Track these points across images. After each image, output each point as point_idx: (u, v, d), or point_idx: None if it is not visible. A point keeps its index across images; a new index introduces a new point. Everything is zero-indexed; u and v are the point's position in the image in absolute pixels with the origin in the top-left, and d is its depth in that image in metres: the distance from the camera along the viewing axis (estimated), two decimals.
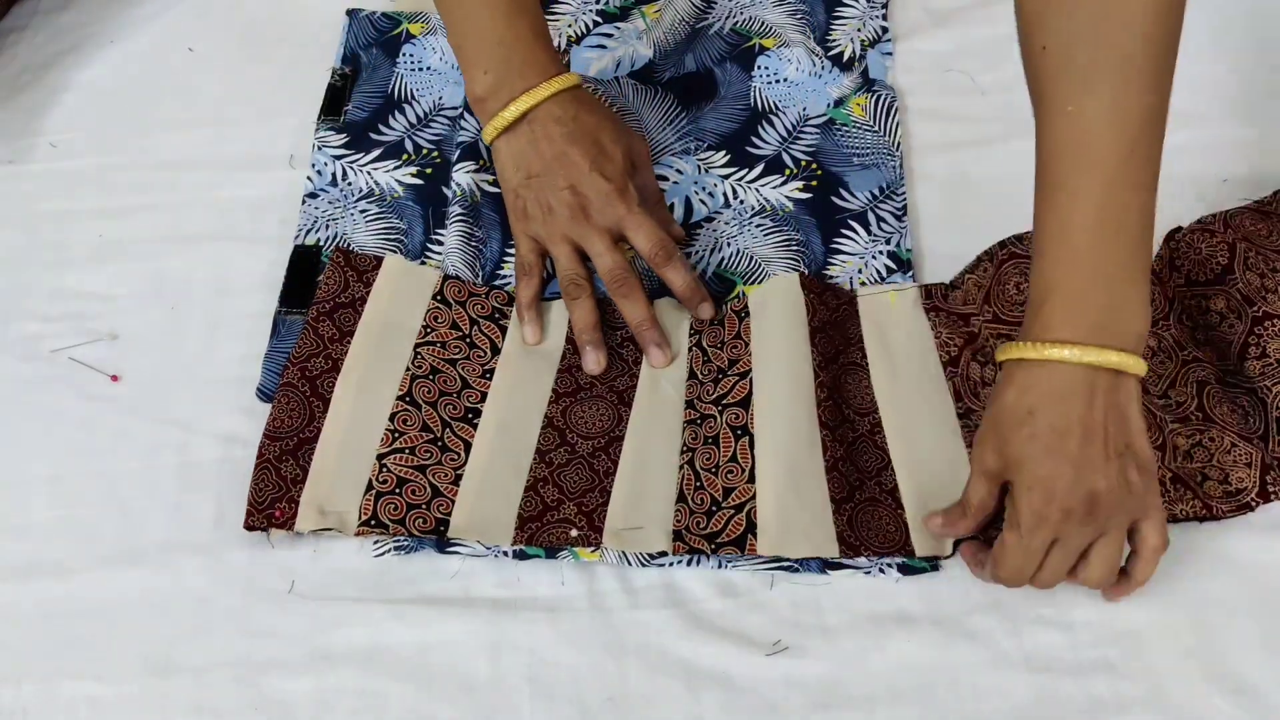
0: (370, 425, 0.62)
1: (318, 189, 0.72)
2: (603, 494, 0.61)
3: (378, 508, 0.59)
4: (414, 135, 0.75)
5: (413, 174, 0.73)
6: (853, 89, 0.76)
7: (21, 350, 0.67)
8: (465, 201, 0.70)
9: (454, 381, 0.64)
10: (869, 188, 0.72)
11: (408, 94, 0.77)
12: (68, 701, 0.55)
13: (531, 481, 0.61)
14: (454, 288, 0.68)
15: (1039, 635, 0.56)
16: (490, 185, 0.71)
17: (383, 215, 0.71)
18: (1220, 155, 0.72)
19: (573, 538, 0.59)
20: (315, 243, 0.69)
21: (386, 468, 0.60)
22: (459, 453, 0.62)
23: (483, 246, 0.70)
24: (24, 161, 0.75)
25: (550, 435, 0.63)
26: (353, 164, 0.73)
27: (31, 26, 0.82)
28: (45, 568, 0.59)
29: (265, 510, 0.59)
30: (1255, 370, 0.61)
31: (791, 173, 0.73)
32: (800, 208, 0.71)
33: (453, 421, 0.63)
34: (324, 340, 0.64)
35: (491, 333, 0.66)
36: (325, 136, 0.74)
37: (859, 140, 0.74)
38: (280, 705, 0.55)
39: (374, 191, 0.72)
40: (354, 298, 0.66)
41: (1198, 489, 0.58)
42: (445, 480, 0.61)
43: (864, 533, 0.58)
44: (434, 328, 0.66)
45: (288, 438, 0.61)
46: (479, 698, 0.55)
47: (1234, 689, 0.54)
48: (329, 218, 0.71)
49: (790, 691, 0.55)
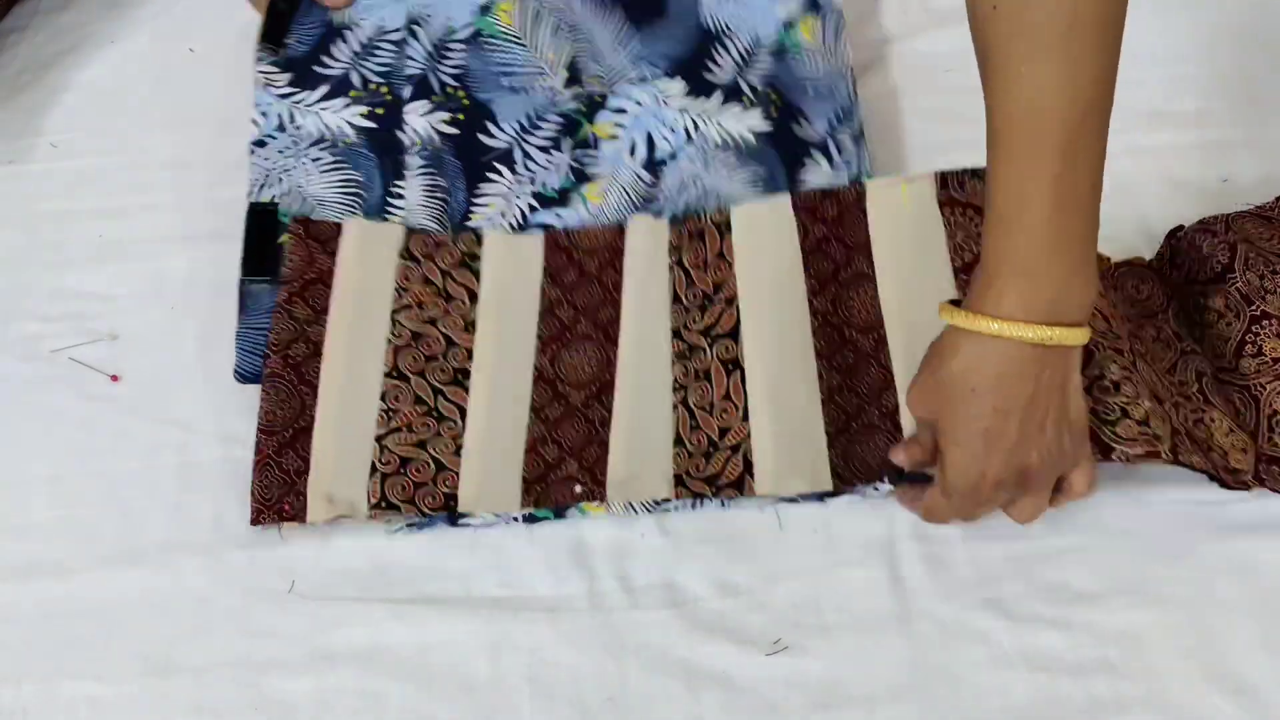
0: (363, 407, 0.62)
1: (264, 135, 0.71)
2: (601, 446, 0.61)
3: (385, 490, 0.60)
4: (359, 66, 0.73)
5: (363, 114, 0.72)
6: (799, 10, 0.75)
7: (21, 350, 0.67)
8: (425, 150, 0.70)
9: (438, 342, 0.64)
10: (826, 115, 0.72)
11: (348, 20, 0.74)
12: (68, 701, 0.55)
13: (531, 442, 0.61)
14: (419, 242, 0.67)
15: (1039, 635, 0.56)
16: (447, 125, 0.70)
17: (337, 165, 0.70)
18: (1220, 155, 0.72)
19: (577, 494, 0.60)
20: (270, 199, 0.68)
21: (387, 449, 0.61)
22: (455, 420, 0.62)
23: (448, 197, 0.69)
24: (24, 161, 0.75)
25: (543, 389, 0.63)
26: (299, 104, 0.72)
27: (32, 26, 0.82)
28: (45, 568, 0.59)
29: (274, 506, 0.59)
30: (1251, 368, 0.61)
31: (749, 102, 0.72)
32: (763, 140, 0.71)
33: (444, 387, 0.63)
34: (300, 323, 0.64)
35: (465, 279, 0.66)
36: (270, 73, 0.72)
37: (811, 68, 0.74)
38: (280, 705, 0.55)
39: (324, 137, 0.71)
40: (321, 270, 0.66)
41: (1205, 454, 0.59)
42: (447, 452, 0.61)
43: (857, 465, 0.60)
44: (406, 288, 0.65)
45: (283, 430, 0.61)
46: (479, 698, 0.55)
47: (1234, 689, 0.54)
48: (281, 169, 0.69)
49: (790, 691, 0.55)
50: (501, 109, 0.72)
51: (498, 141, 0.71)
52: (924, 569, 0.58)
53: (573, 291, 0.66)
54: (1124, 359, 0.59)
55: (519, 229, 0.69)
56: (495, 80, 0.73)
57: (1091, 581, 0.58)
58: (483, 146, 0.71)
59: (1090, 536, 0.59)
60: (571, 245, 0.68)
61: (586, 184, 0.71)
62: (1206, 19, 0.78)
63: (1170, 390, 0.61)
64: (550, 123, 0.72)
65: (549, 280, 0.66)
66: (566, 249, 0.68)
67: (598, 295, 0.66)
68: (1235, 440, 0.60)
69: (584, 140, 0.71)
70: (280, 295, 0.65)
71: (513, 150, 0.71)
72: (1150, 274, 0.67)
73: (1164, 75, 0.76)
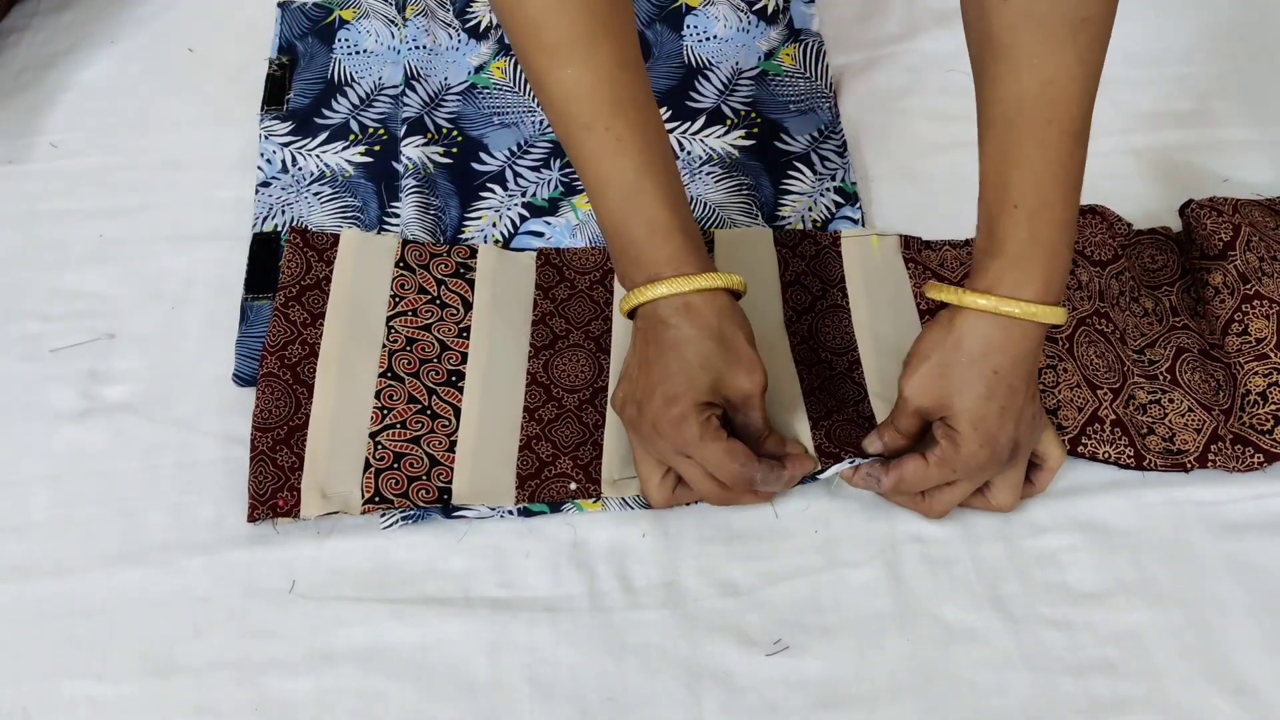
0: (357, 406, 0.62)
1: (269, 177, 0.73)
2: (595, 446, 0.62)
3: (379, 484, 0.60)
4: (358, 115, 0.76)
5: (361, 153, 0.74)
6: (780, 41, 0.78)
7: (21, 350, 0.67)
8: (419, 174, 0.72)
9: (432, 347, 0.65)
10: (808, 131, 0.75)
11: (347, 77, 0.78)
12: (68, 701, 0.55)
13: (525, 440, 0.62)
14: (414, 251, 0.68)
15: (1039, 634, 0.56)
16: (441, 157, 0.73)
17: (337, 195, 0.72)
18: (1221, 155, 0.72)
19: (572, 491, 0.60)
20: (273, 229, 0.70)
21: (381, 444, 0.61)
22: (449, 419, 0.63)
23: (441, 214, 0.71)
24: (24, 161, 0.75)
25: (536, 392, 0.64)
26: (301, 149, 0.74)
27: (32, 26, 0.82)
28: (45, 567, 0.59)
29: (268, 501, 0.59)
30: (1234, 346, 0.62)
31: (733, 123, 0.75)
32: (745, 154, 0.74)
33: (438, 388, 0.63)
34: (296, 325, 0.65)
35: (459, 288, 0.67)
36: (270, 126, 0.75)
37: (792, 88, 0.77)
38: (280, 705, 0.55)
39: (325, 174, 0.73)
40: (318, 278, 0.67)
41: (1136, 437, 0.61)
42: (440, 448, 0.61)
43: (840, 440, 0.61)
44: (402, 295, 0.66)
45: (278, 427, 0.61)
46: (479, 697, 0.55)
47: (1234, 689, 0.54)
48: (284, 203, 0.71)
49: (790, 691, 0.55)
50: (493, 140, 0.75)
51: (489, 166, 0.74)
52: (924, 569, 0.58)
53: (564, 305, 0.67)
54: (1054, 346, 0.62)
55: (510, 236, 0.71)
56: (487, 120, 0.76)
57: (1091, 581, 0.58)
58: (475, 172, 0.74)
59: (1090, 536, 0.59)
60: (563, 264, 0.69)
61: (576, 195, 0.72)
62: (1207, 19, 0.78)
63: (1131, 371, 0.63)
64: (541, 147, 0.75)
65: (541, 293, 0.68)
66: (558, 266, 0.69)
67: (589, 310, 0.67)
68: (1191, 420, 0.61)
69: None
70: (277, 300, 0.65)
71: (504, 171, 0.73)
72: (1171, 244, 0.68)
73: (1164, 75, 0.76)
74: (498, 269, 0.68)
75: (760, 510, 0.60)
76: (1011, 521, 0.59)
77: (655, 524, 0.60)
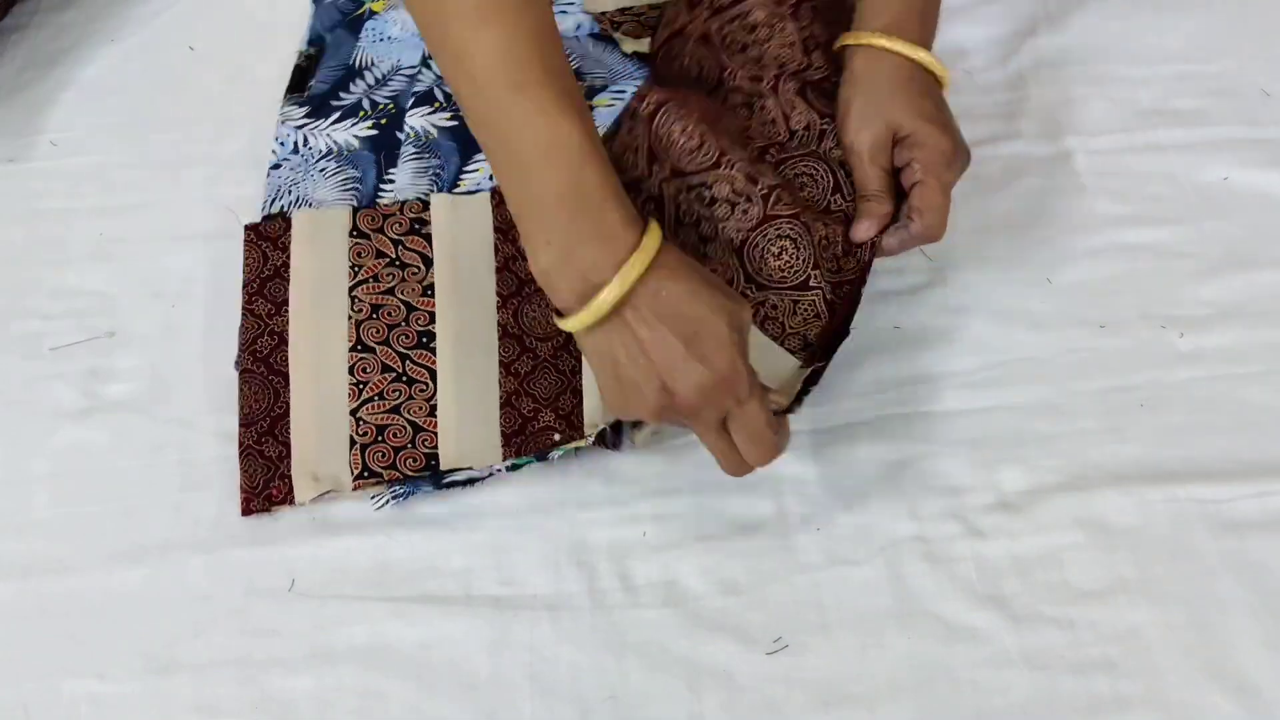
0: (333, 384, 0.63)
1: (280, 159, 0.73)
2: (574, 393, 0.63)
3: (366, 459, 0.60)
4: (371, 95, 0.76)
5: (369, 127, 0.74)
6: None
7: (22, 348, 0.67)
8: (419, 142, 0.72)
9: (398, 310, 0.65)
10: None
11: (368, 62, 0.78)
12: (69, 699, 0.55)
13: (505, 397, 0.63)
14: (366, 217, 0.69)
15: (1039, 633, 0.56)
16: (447, 121, 0.73)
17: (340, 169, 0.72)
18: (1220, 155, 0.72)
19: (556, 441, 0.61)
20: (280, 210, 0.70)
21: (362, 420, 0.62)
22: (426, 382, 0.63)
23: (440, 171, 0.71)
24: (25, 159, 0.75)
25: (509, 345, 0.64)
26: (313, 130, 0.74)
27: (33, 24, 0.82)
28: (46, 566, 0.59)
29: (261, 493, 0.60)
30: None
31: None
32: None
33: (409, 352, 0.64)
34: (263, 318, 0.65)
35: (417, 245, 0.67)
36: (289, 111, 0.75)
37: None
38: (281, 704, 0.55)
39: (332, 150, 0.73)
40: (275, 266, 0.67)
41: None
42: (421, 414, 0.62)
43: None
44: (360, 264, 0.67)
45: (261, 420, 0.62)
46: (480, 696, 0.55)
47: (1235, 687, 0.54)
48: (291, 183, 0.72)
49: (791, 689, 0.55)
50: None
51: None
52: (925, 567, 0.58)
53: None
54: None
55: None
56: None
57: (1092, 580, 0.58)
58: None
59: (1090, 536, 0.59)
60: None
61: None
62: (1207, 19, 0.78)
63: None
64: None
65: (500, 236, 0.67)
66: None
67: None
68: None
69: None
70: (242, 298, 0.66)
71: None
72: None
73: (1164, 75, 0.76)
74: (453, 217, 0.68)
75: (761, 508, 0.60)
76: (1012, 520, 0.59)
77: (656, 523, 0.60)
